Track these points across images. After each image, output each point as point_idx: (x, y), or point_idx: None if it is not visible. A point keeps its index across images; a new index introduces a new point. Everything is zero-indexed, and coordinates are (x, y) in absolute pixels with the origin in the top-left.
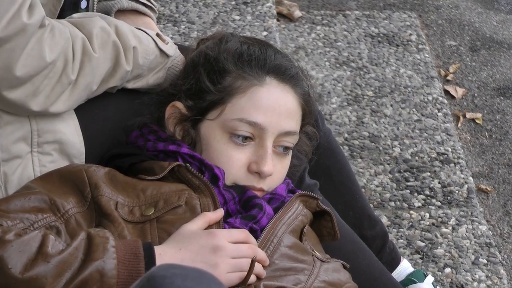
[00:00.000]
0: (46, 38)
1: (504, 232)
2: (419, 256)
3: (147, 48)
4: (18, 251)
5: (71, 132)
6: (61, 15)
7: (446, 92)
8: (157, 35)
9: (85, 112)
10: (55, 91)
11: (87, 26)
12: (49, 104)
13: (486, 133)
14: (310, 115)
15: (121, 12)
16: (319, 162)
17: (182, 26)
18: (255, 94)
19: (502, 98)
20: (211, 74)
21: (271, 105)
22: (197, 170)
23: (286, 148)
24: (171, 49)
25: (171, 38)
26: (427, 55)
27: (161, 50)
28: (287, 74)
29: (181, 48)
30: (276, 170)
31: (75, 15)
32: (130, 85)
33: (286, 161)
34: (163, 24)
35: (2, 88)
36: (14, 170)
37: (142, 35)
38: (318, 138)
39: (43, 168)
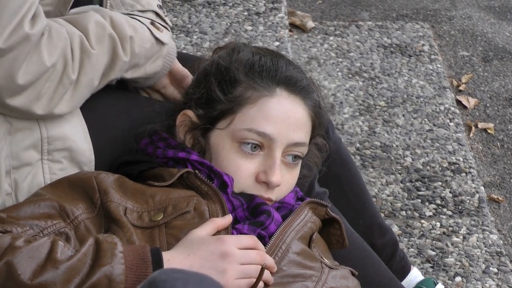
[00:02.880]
0: (44, 43)
1: None
2: (430, 265)
3: (143, 37)
4: (27, 258)
5: (80, 140)
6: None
7: (458, 102)
8: (152, 23)
9: (95, 119)
10: (57, 93)
11: (82, 22)
12: (53, 106)
13: (498, 143)
14: (320, 127)
15: None
16: (329, 170)
17: (195, 37)
18: (265, 105)
19: None
20: (222, 83)
21: (281, 116)
22: (206, 177)
23: (295, 158)
24: (166, 36)
25: (183, 48)
26: (439, 66)
27: (156, 38)
28: (298, 85)
29: (194, 58)
30: (284, 181)
31: (71, 11)
32: (129, 75)
33: (295, 172)
34: (176, 35)
35: (4, 96)
36: (25, 177)
37: (136, 24)
38: (328, 149)
39: (53, 176)
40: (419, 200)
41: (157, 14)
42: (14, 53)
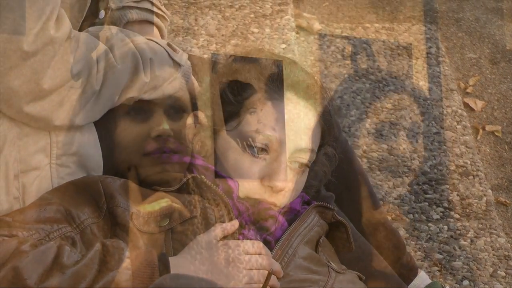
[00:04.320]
0: (72, 50)
1: None
2: (437, 268)
3: (162, 59)
4: (33, 262)
5: (90, 145)
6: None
7: (466, 105)
8: (168, 45)
9: (103, 124)
10: (79, 102)
11: (108, 37)
12: (73, 115)
13: (506, 146)
14: (329, 134)
15: (129, 23)
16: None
17: (201, 39)
18: (274, 108)
19: None
20: (233, 85)
21: (289, 120)
22: (211, 182)
23: (302, 165)
24: (182, 58)
25: (190, 50)
26: (446, 68)
27: (173, 60)
28: (309, 91)
29: (202, 60)
30: (290, 187)
31: (91, 28)
32: (147, 96)
33: (302, 178)
34: (182, 37)
35: (25, 102)
36: (33, 181)
37: (155, 46)
38: (337, 159)
39: (61, 180)
40: (427, 203)
41: (152, 3)
42: (39, 56)
